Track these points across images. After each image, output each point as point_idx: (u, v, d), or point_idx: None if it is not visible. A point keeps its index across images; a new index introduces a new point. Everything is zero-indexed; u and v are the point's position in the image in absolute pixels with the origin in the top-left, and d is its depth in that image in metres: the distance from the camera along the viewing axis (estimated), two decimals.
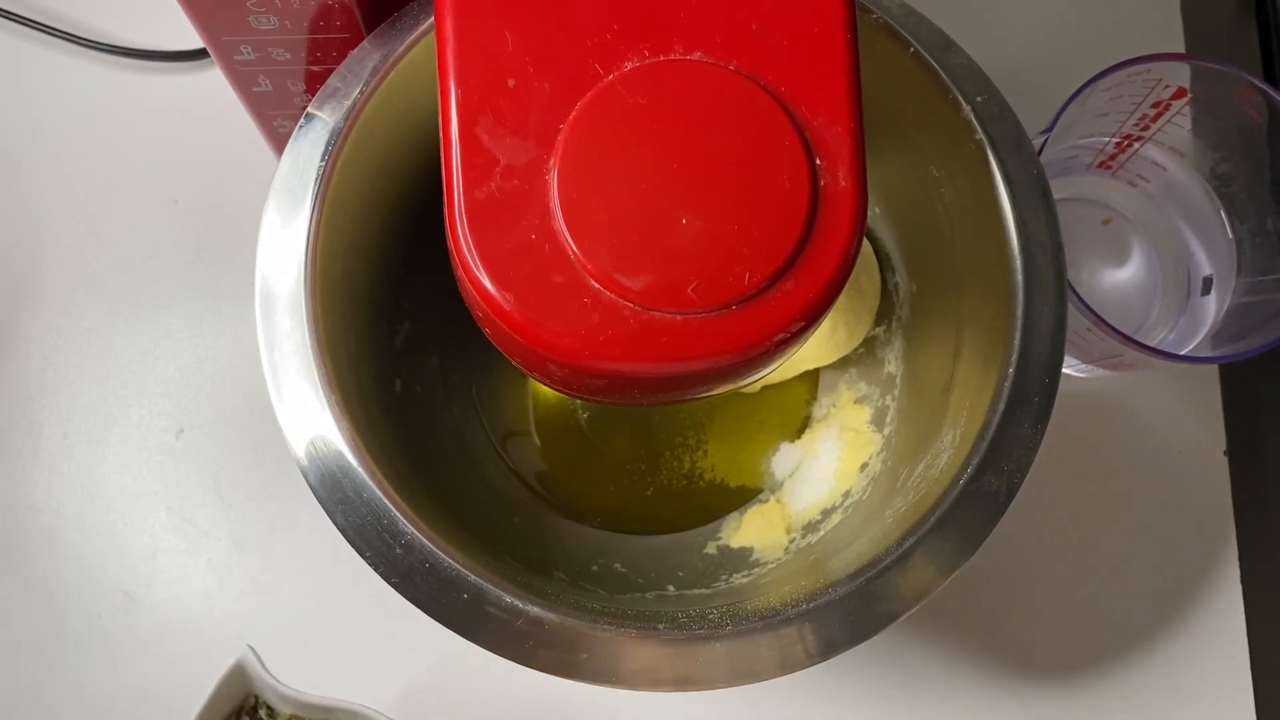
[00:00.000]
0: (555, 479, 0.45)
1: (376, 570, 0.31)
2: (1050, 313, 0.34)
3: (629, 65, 0.24)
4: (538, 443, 0.46)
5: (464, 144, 0.24)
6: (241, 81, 0.39)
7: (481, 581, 0.31)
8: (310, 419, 0.32)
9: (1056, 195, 0.35)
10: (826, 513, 0.42)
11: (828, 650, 0.31)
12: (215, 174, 0.50)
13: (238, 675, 0.39)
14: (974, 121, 0.34)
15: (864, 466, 0.42)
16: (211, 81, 0.49)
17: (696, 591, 0.40)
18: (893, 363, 0.44)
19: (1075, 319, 0.40)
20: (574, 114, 0.24)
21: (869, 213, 0.30)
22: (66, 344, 0.48)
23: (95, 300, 0.49)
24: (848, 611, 0.31)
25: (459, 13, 0.24)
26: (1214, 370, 0.49)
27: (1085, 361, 0.45)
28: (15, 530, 0.46)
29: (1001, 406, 0.33)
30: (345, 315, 0.35)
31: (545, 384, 0.27)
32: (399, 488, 0.32)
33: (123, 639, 0.45)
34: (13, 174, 0.50)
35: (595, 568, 0.42)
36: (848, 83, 0.25)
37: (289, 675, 0.39)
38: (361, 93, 0.34)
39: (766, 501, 0.44)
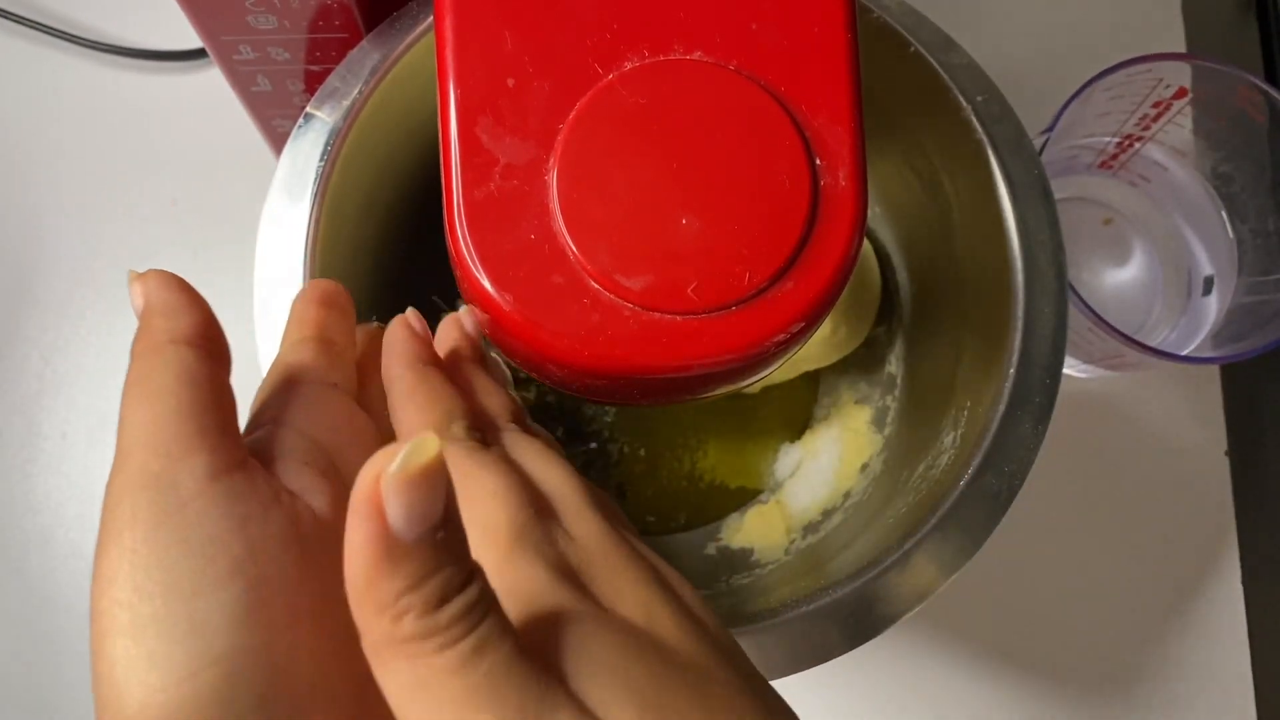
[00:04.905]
0: None
1: None
2: (1051, 313, 0.34)
3: (629, 65, 0.24)
4: None
5: (463, 144, 0.24)
6: (240, 81, 0.39)
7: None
8: None
9: (1057, 195, 0.35)
10: (827, 513, 0.42)
11: (828, 652, 0.31)
12: (214, 174, 0.50)
13: None
14: (974, 121, 0.34)
15: (864, 467, 0.42)
16: (211, 81, 0.49)
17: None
18: (893, 363, 0.44)
19: (1076, 319, 0.40)
20: (574, 114, 0.24)
21: (869, 213, 0.30)
22: (66, 344, 0.48)
23: (95, 300, 0.49)
24: (848, 613, 0.31)
25: (458, 12, 0.24)
26: (1215, 370, 0.49)
27: (1086, 362, 0.45)
28: (15, 530, 0.46)
29: (1002, 407, 0.33)
30: None
31: (545, 384, 0.27)
32: None
33: None
34: (13, 174, 0.50)
35: None
36: (848, 83, 0.25)
37: None
38: (360, 92, 0.34)
39: (767, 502, 0.44)
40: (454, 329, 0.27)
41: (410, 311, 0.26)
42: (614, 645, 0.18)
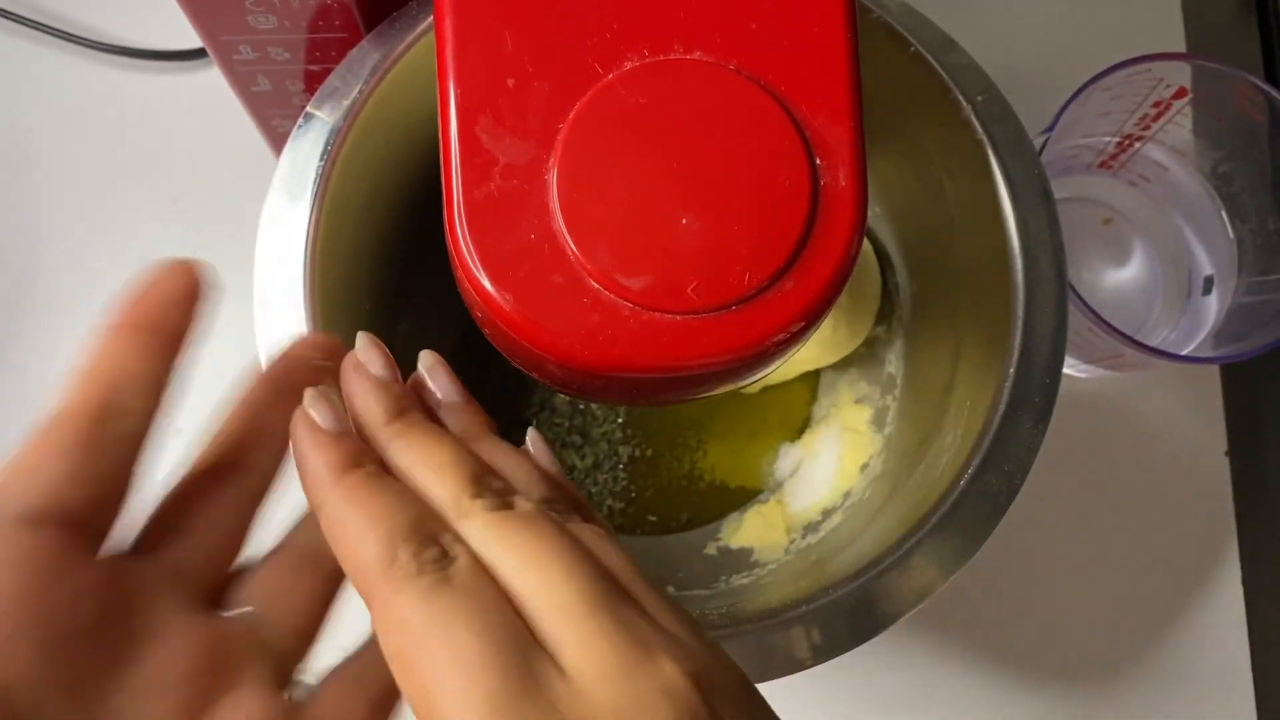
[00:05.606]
0: None
1: None
2: (1051, 313, 0.34)
3: (628, 65, 0.24)
4: None
5: (463, 144, 0.24)
6: (240, 81, 0.39)
7: None
8: None
9: (1057, 195, 0.35)
10: (827, 513, 0.42)
11: (828, 651, 0.31)
12: (213, 174, 0.50)
13: None
14: (974, 121, 0.34)
15: (864, 467, 0.42)
16: (211, 81, 0.49)
17: (696, 592, 0.40)
18: (893, 363, 0.44)
19: (1076, 319, 0.40)
20: (573, 114, 0.24)
21: (869, 213, 0.30)
22: (66, 344, 0.48)
23: (95, 300, 0.49)
24: (848, 612, 0.31)
25: (458, 12, 0.24)
26: (1215, 370, 0.49)
27: (1086, 361, 0.45)
28: None
29: (1002, 407, 0.33)
30: (344, 315, 0.35)
31: (545, 384, 0.27)
32: None
33: None
34: (13, 174, 0.50)
35: None
36: (848, 82, 0.25)
37: None
38: (360, 92, 0.34)
39: (766, 502, 0.44)
40: (342, 389, 0.22)
41: (310, 397, 0.21)
42: None
